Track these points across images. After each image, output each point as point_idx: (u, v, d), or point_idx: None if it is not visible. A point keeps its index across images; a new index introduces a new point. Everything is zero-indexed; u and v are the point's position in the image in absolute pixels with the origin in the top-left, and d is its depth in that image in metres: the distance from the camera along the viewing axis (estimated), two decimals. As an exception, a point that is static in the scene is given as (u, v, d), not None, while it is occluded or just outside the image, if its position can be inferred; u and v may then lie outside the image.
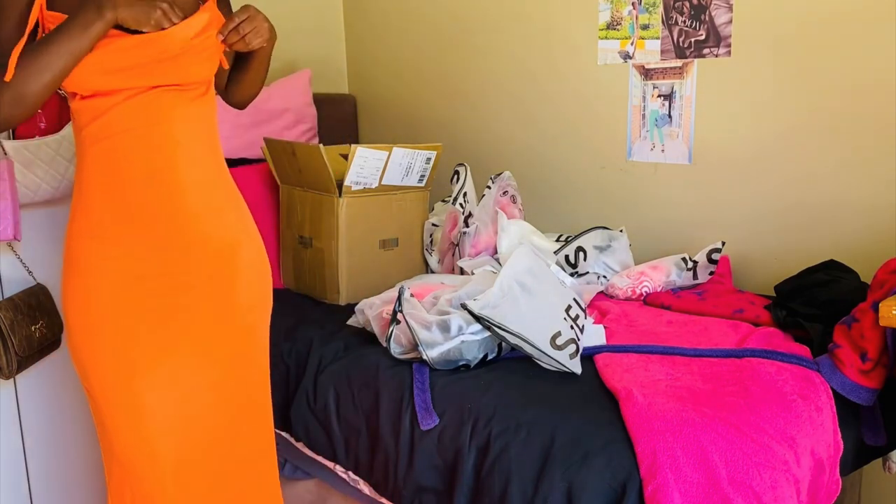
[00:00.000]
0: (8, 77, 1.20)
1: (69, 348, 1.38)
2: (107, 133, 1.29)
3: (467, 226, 2.12)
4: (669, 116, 2.20)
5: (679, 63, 2.16)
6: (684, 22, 2.12)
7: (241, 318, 1.43)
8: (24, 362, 1.67)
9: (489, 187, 2.18)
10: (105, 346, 1.34)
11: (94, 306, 1.33)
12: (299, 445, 1.86)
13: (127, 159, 1.30)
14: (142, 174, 1.31)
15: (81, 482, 1.90)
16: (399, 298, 1.70)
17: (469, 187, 2.22)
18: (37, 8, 1.24)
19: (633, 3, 2.22)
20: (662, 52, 2.18)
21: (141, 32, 1.25)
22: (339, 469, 1.76)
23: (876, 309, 1.49)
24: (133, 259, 1.33)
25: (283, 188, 2.27)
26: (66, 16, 1.23)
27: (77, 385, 1.87)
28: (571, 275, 2.12)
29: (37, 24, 1.26)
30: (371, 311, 1.83)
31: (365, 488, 1.70)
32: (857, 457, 1.55)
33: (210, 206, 1.38)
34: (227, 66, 1.43)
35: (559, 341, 1.59)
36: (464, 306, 1.60)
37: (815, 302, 1.75)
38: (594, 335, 1.77)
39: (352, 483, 1.74)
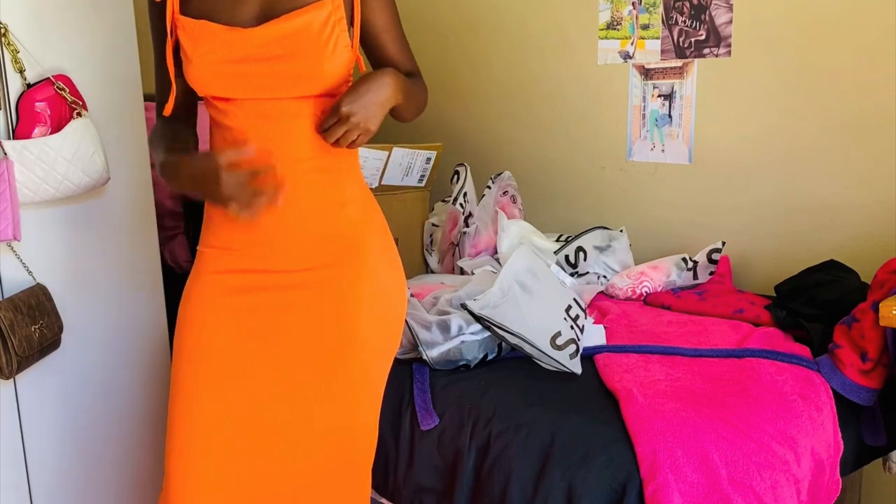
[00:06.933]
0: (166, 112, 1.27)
1: None
2: (227, 139, 1.21)
3: (467, 226, 2.12)
4: (669, 116, 2.20)
5: (679, 63, 2.15)
6: (684, 22, 2.12)
7: (360, 342, 1.24)
8: (24, 362, 1.66)
9: (489, 187, 2.18)
10: (183, 361, 1.24)
11: (186, 317, 1.25)
12: (299, 445, 1.86)
13: None
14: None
15: (82, 482, 1.90)
16: (399, 298, 1.70)
17: (469, 187, 2.22)
18: (170, 11, 1.19)
19: (633, 3, 2.22)
20: (662, 52, 2.18)
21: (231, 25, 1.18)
22: (339, 469, 1.76)
23: (876, 309, 1.49)
24: (237, 270, 1.23)
25: (283, 188, 2.27)
26: (194, 21, 1.18)
27: (78, 385, 1.87)
28: (571, 275, 2.11)
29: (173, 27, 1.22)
30: (371, 311, 1.83)
31: (365, 488, 1.70)
32: (857, 457, 1.55)
33: (326, 203, 1.25)
34: (363, 70, 1.26)
35: (559, 341, 1.59)
36: (464, 306, 1.60)
37: (815, 302, 1.75)
38: (594, 335, 1.77)
39: (352, 483, 1.74)
